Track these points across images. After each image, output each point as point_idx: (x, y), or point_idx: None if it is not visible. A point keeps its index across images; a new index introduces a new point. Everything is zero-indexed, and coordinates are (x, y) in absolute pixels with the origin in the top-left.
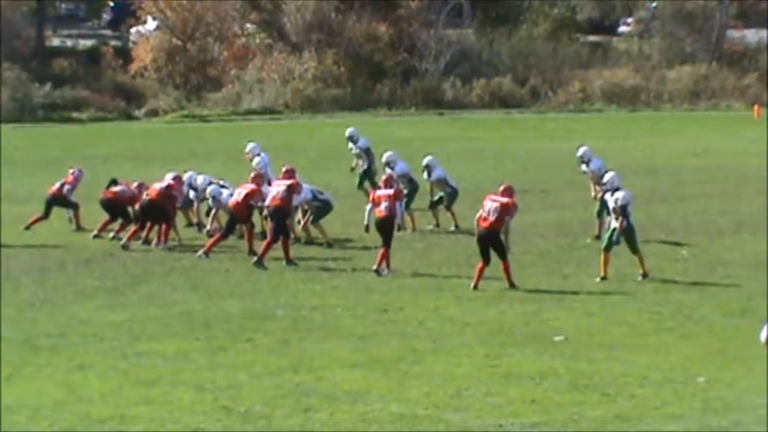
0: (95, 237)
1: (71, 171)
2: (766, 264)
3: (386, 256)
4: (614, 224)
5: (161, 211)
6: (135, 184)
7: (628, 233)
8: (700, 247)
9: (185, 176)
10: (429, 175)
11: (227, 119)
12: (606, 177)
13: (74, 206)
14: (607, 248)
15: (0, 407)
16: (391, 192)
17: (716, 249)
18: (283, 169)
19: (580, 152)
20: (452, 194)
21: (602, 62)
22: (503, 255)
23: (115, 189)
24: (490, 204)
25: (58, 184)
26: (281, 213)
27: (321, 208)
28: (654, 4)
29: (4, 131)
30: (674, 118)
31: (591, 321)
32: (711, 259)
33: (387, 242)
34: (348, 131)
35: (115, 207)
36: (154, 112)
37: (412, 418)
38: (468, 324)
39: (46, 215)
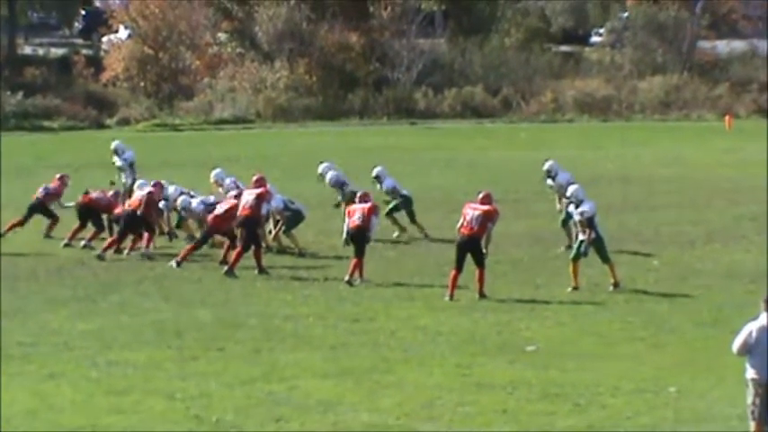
0: (66, 245)
1: (57, 176)
2: (737, 274)
3: (358, 266)
4: (582, 236)
5: (143, 221)
6: (111, 192)
7: (597, 244)
8: (671, 257)
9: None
10: (380, 184)
11: (199, 128)
12: (570, 190)
13: (53, 217)
14: (575, 259)
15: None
16: (367, 205)
17: (687, 259)
18: (253, 178)
19: (547, 166)
20: (406, 202)
21: (574, 72)
22: (481, 262)
23: (92, 195)
24: (471, 213)
25: (41, 190)
26: (251, 222)
27: (292, 217)
28: (626, 15)
29: None
30: (645, 128)
31: (562, 331)
32: (683, 269)
33: (359, 253)
34: (113, 144)
35: (89, 213)
36: (125, 121)
37: (383, 428)
38: (440, 334)
39: (25, 221)
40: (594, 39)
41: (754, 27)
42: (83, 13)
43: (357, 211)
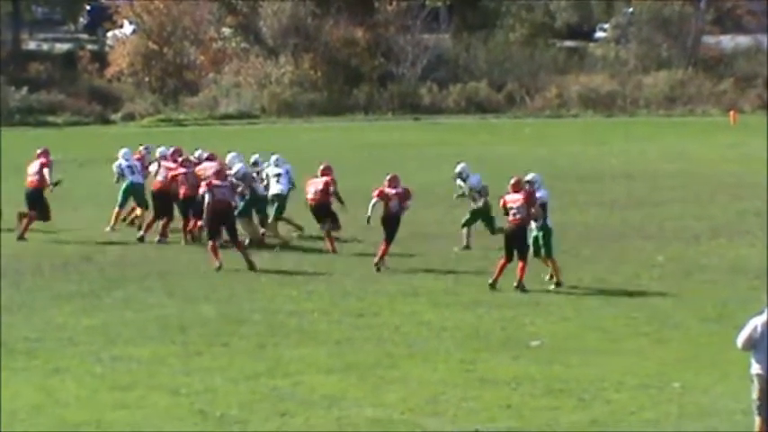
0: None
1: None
2: (742, 269)
3: (386, 252)
4: (534, 228)
5: (168, 202)
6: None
7: (545, 236)
8: (675, 252)
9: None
10: (464, 181)
11: (204, 123)
12: (459, 167)
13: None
14: (537, 254)
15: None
16: (400, 190)
17: (692, 255)
18: (321, 167)
19: (458, 168)
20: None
21: (578, 68)
22: (524, 255)
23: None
24: (512, 203)
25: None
26: (324, 208)
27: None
28: (630, 10)
29: None
30: (649, 123)
31: (567, 326)
32: (687, 265)
33: (390, 238)
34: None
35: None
36: (130, 117)
37: (388, 423)
38: (444, 329)
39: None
40: (599, 34)
41: (758, 22)
42: (87, 8)
43: (393, 197)
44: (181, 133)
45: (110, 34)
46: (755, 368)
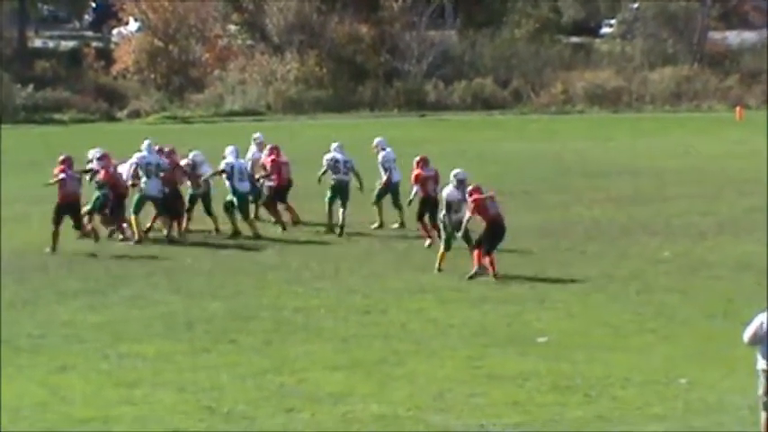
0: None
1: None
2: (748, 265)
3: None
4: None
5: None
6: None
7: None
8: (682, 248)
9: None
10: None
11: (210, 120)
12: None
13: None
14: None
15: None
16: (432, 173)
17: (698, 251)
18: (417, 159)
19: (375, 141)
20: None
21: (584, 64)
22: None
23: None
24: (487, 203)
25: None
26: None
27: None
28: (636, 6)
29: None
30: (655, 119)
31: (573, 323)
32: (693, 261)
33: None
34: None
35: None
36: (136, 114)
37: (394, 419)
38: (450, 326)
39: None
40: (605, 30)
41: (764, 18)
42: (93, 5)
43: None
44: (186, 130)
45: (115, 32)
46: (762, 364)
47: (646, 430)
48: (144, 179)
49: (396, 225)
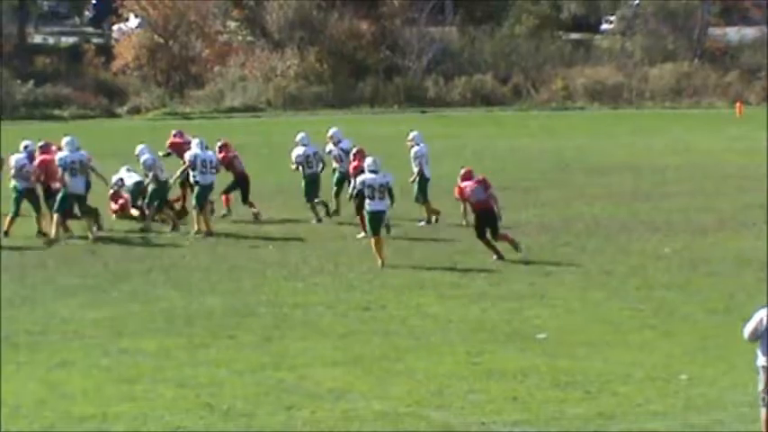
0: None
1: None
2: (748, 261)
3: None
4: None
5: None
6: None
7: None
8: (682, 244)
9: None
10: None
11: (210, 116)
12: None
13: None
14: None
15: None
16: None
17: (699, 247)
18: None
19: (330, 132)
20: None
21: (584, 60)
22: (497, 231)
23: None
24: (471, 189)
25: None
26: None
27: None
28: (636, 2)
29: None
30: (656, 116)
31: (572, 319)
32: (694, 257)
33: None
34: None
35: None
36: (136, 110)
37: (394, 416)
38: (450, 322)
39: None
40: (605, 26)
41: (764, 14)
42: (93, 1)
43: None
44: (187, 126)
45: (115, 28)
46: (762, 360)
47: (646, 427)
48: (68, 178)
49: (422, 223)
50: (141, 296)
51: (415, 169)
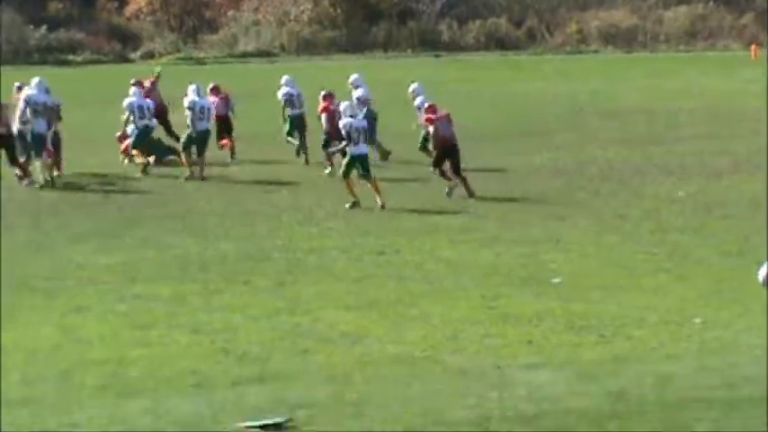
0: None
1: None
2: (763, 204)
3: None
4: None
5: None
6: None
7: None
8: (696, 187)
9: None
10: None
11: (223, 61)
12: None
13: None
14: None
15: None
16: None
17: (713, 190)
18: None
19: (411, 88)
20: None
21: (598, 3)
22: (459, 167)
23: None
24: (440, 123)
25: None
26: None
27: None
28: None
29: None
30: (670, 59)
31: (587, 263)
32: (708, 200)
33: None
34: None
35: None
36: (149, 55)
37: (409, 360)
38: (464, 266)
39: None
40: None
41: None
42: None
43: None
44: (200, 72)
45: None
46: None
47: (660, 370)
48: (31, 118)
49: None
50: (155, 242)
51: (421, 119)
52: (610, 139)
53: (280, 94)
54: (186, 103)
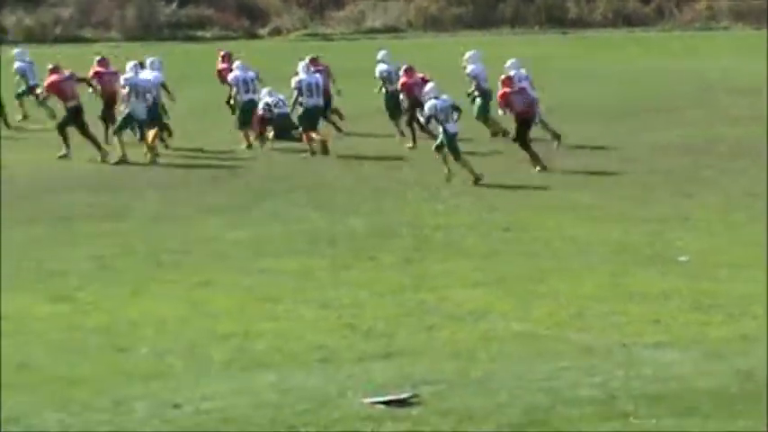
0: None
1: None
2: None
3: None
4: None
5: None
6: None
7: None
8: None
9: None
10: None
11: (351, 37)
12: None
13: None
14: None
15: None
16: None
17: None
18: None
19: (467, 55)
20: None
21: None
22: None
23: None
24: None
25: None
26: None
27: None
28: None
29: (128, 49)
30: None
31: (715, 241)
32: None
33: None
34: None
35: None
36: (277, 31)
37: (534, 337)
38: (591, 244)
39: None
40: None
41: None
42: None
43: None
44: (327, 48)
45: None
46: None
47: None
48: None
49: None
50: (283, 216)
51: (472, 87)
52: (739, 116)
53: (294, 81)
54: (293, 82)
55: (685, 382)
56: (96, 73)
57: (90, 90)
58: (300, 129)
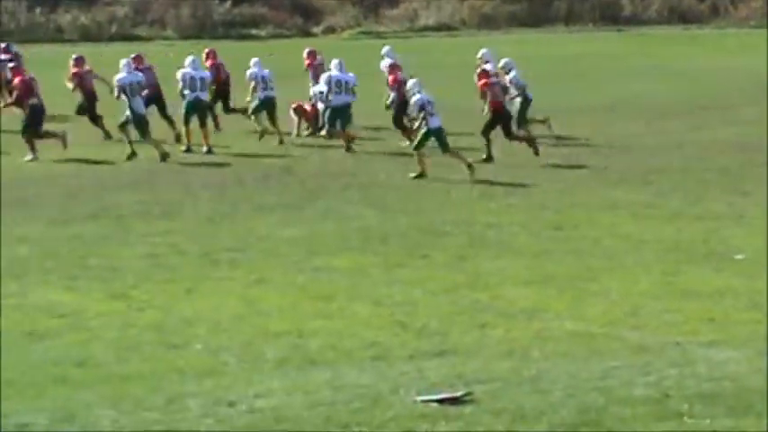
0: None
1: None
2: None
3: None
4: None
5: None
6: None
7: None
8: None
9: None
10: None
11: (404, 36)
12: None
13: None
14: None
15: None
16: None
17: None
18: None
19: (502, 63)
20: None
21: None
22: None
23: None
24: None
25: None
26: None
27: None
28: None
29: (183, 48)
30: None
31: None
32: None
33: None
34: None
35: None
36: (331, 30)
37: (588, 336)
38: (644, 242)
39: None
40: None
41: None
42: None
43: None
44: (380, 46)
45: None
46: None
47: None
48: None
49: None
50: (336, 214)
51: (514, 92)
52: None
53: (382, 65)
54: (323, 79)
55: (740, 380)
56: (75, 73)
57: (71, 89)
58: (328, 126)
